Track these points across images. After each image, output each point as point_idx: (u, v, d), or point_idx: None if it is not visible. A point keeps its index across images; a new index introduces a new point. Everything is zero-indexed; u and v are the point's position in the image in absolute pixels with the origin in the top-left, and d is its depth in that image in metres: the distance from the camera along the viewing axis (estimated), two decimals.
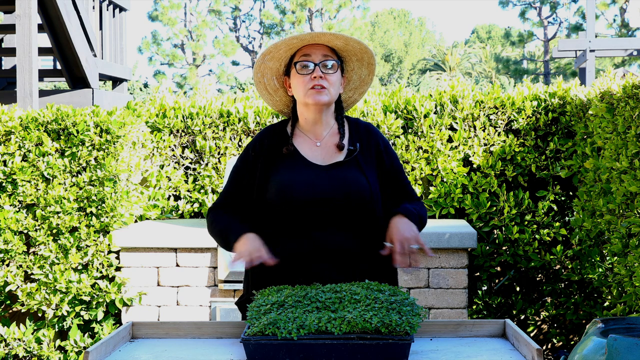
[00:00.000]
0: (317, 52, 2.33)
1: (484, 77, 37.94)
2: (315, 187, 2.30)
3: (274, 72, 2.42)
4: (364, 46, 2.37)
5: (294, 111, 2.44)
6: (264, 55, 2.37)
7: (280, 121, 2.49)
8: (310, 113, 2.37)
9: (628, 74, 4.70)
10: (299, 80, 2.33)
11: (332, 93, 2.34)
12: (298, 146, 2.39)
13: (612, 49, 11.47)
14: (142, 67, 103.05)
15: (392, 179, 2.42)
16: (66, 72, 6.35)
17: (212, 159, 4.72)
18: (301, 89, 2.33)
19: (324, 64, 2.32)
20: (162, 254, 4.21)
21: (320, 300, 2.02)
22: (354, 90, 2.51)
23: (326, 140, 2.39)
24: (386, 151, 2.43)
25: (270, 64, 2.39)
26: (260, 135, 2.43)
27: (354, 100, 2.54)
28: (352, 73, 2.46)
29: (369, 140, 2.41)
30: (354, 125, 2.45)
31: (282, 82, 2.44)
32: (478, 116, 4.55)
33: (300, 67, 2.33)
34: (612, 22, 27.00)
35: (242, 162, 2.42)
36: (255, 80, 2.44)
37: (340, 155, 2.37)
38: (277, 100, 2.49)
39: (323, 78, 2.31)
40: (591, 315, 4.31)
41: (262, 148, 2.39)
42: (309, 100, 2.32)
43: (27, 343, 4.21)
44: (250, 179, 2.38)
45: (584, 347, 2.47)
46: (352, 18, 29.58)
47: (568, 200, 4.54)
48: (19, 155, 4.23)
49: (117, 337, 2.13)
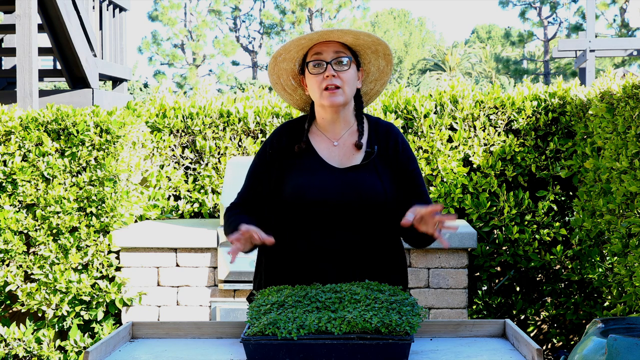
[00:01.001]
0: (328, 49, 2.27)
1: (484, 77, 37.94)
2: (329, 191, 2.26)
3: (289, 73, 2.37)
4: (375, 38, 2.29)
5: (312, 109, 2.38)
6: (275, 58, 2.32)
7: (299, 117, 2.43)
8: (327, 113, 2.32)
9: (628, 74, 4.70)
10: (313, 80, 2.27)
11: (347, 92, 2.28)
12: (315, 145, 2.34)
13: (612, 49, 11.47)
14: (142, 67, 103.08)
15: (409, 183, 2.35)
16: (66, 72, 6.35)
17: (212, 159, 4.72)
18: (316, 90, 2.28)
19: (336, 62, 2.26)
20: (162, 254, 4.21)
21: (320, 300, 2.02)
22: (375, 82, 2.43)
23: (344, 140, 2.34)
24: (404, 153, 2.35)
25: (284, 65, 2.34)
26: (278, 132, 2.38)
27: (376, 92, 2.46)
28: (370, 65, 2.39)
29: (388, 141, 2.35)
30: (374, 124, 2.38)
31: (299, 82, 2.39)
32: (478, 116, 4.55)
33: (313, 66, 2.27)
34: (612, 22, 27.01)
35: (260, 159, 2.37)
36: (271, 82, 2.39)
37: (357, 156, 2.32)
38: (297, 99, 2.43)
39: (336, 77, 2.25)
40: (591, 315, 4.31)
41: (279, 145, 2.34)
42: (324, 102, 2.27)
43: (27, 343, 4.21)
44: (267, 177, 2.34)
45: (584, 347, 2.47)
46: (352, 18, 29.59)
47: (568, 200, 4.54)
48: (19, 155, 4.23)
49: (117, 337, 2.13)
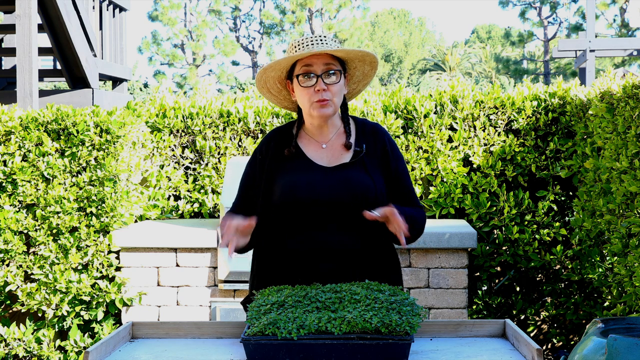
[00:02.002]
0: (318, 61, 2.30)
1: (484, 77, 37.94)
2: (319, 189, 2.29)
3: (276, 79, 2.40)
4: (365, 52, 2.34)
5: (300, 114, 2.42)
6: (264, 70, 2.35)
7: (287, 123, 2.47)
8: (315, 121, 2.36)
9: (628, 74, 4.70)
10: (303, 92, 2.31)
11: (336, 102, 2.32)
12: (304, 148, 2.38)
13: (612, 49, 11.47)
14: (142, 67, 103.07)
15: (396, 183, 2.39)
16: (66, 72, 6.35)
17: (212, 159, 4.72)
18: (305, 101, 2.31)
19: (326, 75, 2.29)
20: (162, 254, 4.21)
21: (320, 300, 2.02)
22: (357, 83, 2.48)
23: (332, 142, 2.38)
24: (392, 153, 2.40)
25: (271, 74, 2.38)
26: (267, 137, 2.42)
27: (357, 91, 2.51)
28: (355, 70, 2.44)
29: (376, 141, 2.39)
30: (361, 125, 2.43)
31: (284, 85, 2.42)
32: (478, 116, 4.55)
33: (303, 78, 2.30)
34: (612, 22, 27.00)
35: (251, 166, 2.42)
36: (257, 87, 2.43)
37: (346, 155, 2.36)
38: (281, 99, 2.48)
39: (326, 90, 2.28)
40: (591, 315, 4.31)
41: (268, 150, 2.38)
42: (314, 113, 2.31)
43: (27, 343, 4.21)
44: (259, 183, 2.37)
45: (584, 347, 2.47)
46: (352, 18, 29.57)
47: (568, 200, 4.54)
48: (19, 155, 4.23)
49: (117, 337, 2.13)
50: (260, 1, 31.82)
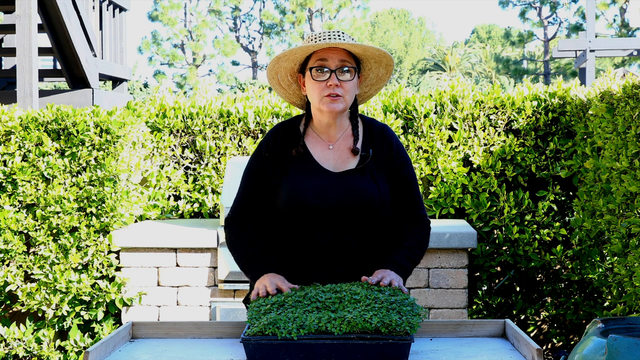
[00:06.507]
0: (334, 56, 2.26)
1: (484, 77, 37.93)
2: (325, 196, 2.27)
3: (288, 71, 2.36)
4: (382, 52, 2.30)
5: (308, 110, 2.38)
6: (278, 58, 2.31)
7: (291, 118, 2.43)
8: (324, 117, 2.32)
9: (628, 74, 4.70)
10: (314, 85, 2.27)
11: (348, 100, 2.29)
12: (310, 148, 2.34)
13: (612, 49, 11.47)
14: (142, 67, 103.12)
15: (402, 187, 2.37)
16: (66, 72, 6.35)
17: (212, 159, 4.72)
18: (316, 95, 2.28)
19: (340, 71, 2.26)
20: (162, 254, 4.21)
21: (320, 300, 2.02)
22: (370, 87, 2.45)
23: (339, 143, 2.35)
24: (398, 156, 2.36)
25: (284, 64, 2.34)
26: (273, 133, 2.38)
27: (369, 96, 2.48)
28: (369, 72, 2.40)
29: (383, 144, 2.36)
30: (369, 126, 2.39)
31: (295, 79, 2.39)
32: (478, 116, 4.55)
33: (316, 72, 2.27)
34: (612, 22, 27.00)
35: (256, 162, 2.37)
36: (268, 77, 2.38)
37: (353, 160, 2.33)
38: (290, 94, 2.43)
39: (339, 86, 2.25)
40: (591, 315, 4.31)
41: (275, 147, 2.34)
42: (324, 108, 2.27)
43: (27, 343, 4.21)
44: (264, 179, 2.34)
45: (584, 347, 2.47)
46: (352, 18, 29.58)
47: (568, 200, 4.54)
48: (19, 155, 4.23)
49: (117, 337, 2.13)
50: (260, 1, 31.83)
